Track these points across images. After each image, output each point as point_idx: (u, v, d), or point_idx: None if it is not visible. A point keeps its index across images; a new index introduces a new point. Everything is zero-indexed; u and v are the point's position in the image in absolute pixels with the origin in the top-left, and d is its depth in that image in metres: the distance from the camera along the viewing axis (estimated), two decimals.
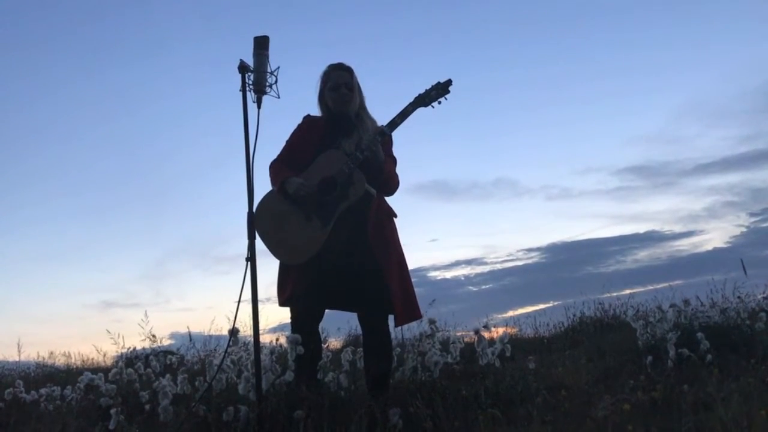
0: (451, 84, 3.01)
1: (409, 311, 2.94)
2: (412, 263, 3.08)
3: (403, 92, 2.98)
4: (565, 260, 14.34)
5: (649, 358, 3.59)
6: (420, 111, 2.98)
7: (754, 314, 4.44)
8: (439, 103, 3.00)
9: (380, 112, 3.08)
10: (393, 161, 3.11)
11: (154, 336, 5.40)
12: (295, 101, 3.54)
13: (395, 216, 3.09)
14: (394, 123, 2.94)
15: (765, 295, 5.85)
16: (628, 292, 8.00)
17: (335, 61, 3.07)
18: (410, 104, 2.97)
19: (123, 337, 5.44)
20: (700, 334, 3.65)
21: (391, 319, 2.97)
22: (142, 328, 5.33)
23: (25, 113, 14.88)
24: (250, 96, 2.77)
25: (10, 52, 13.95)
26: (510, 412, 2.70)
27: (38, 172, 15.18)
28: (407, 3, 14.62)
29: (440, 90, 3.00)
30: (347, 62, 3.08)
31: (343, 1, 14.33)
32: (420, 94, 2.99)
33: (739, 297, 5.37)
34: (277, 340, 5.36)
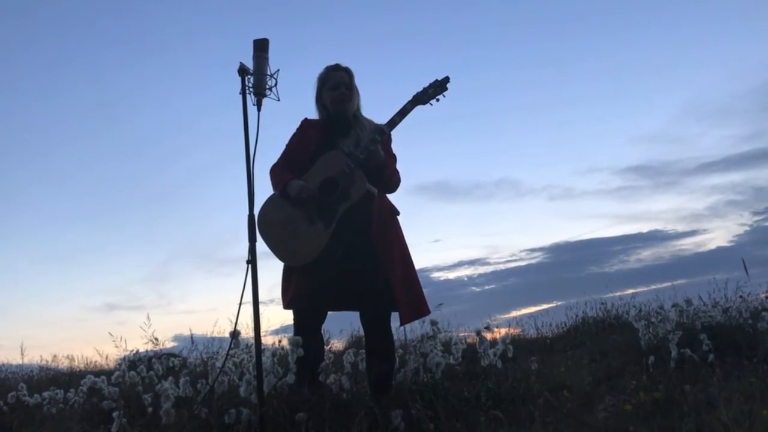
0: (448, 81, 3.00)
1: (415, 309, 2.93)
2: (415, 264, 3.08)
3: (405, 94, 2.99)
4: (568, 260, 14.34)
5: (652, 358, 3.59)
6: (422, 111, 2.98)
7: (756, 314, 4.43)
8: (437, 100, 3.00)
9: (381, 113, 3.08)
10: (393, 159, 3.11)
11: (157, 339, 5.40)
12: (295, 104, 3.54)
13: (398, 214, 3.09)
14: (393, 122, 2.94)
15: (767, 294, 5.83)
16: (630, 291, 8.00)
17: (332, 62, 3.08)
18: (408, 102, 2.96)
19: (125, 340, 5.45)
20: (702, 335, 3.64)
21: (395, 318, 2.97)
22: (145, 331, 5.33)
23: (27, 116, 14.93)
24: (250, 99, 2.77)
25: (12, 56, 13.99)
26: (512, 413, 2.70)
27: (41, 176, 15.22)
28: (408, 4, 14.64)
29: (438, 87, 2.99)
30: (347, 64, 3.09)
31: (343, 4, 14.35)
32: (418, 92, 2.98)
33: (741, 296, 5.36)
34: (279, 342, 5.37)
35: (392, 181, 3.02)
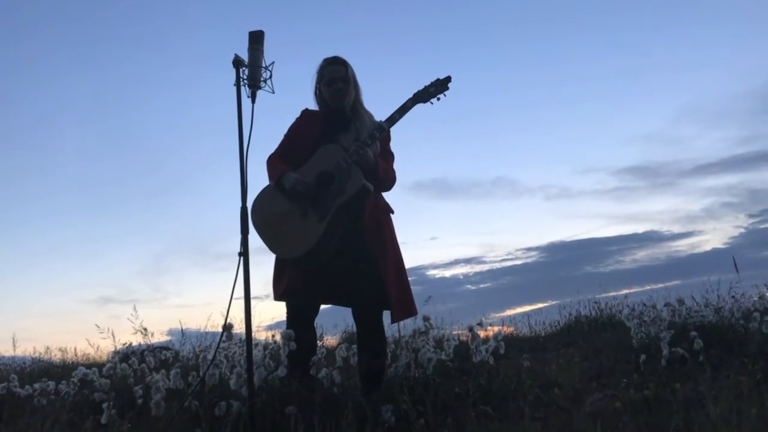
0: (450, 81, 3.01)
1: (405, 308, 2.94)
2: (411, 261, 3.10)
3: (402, 89, 2.99)
4: (564, 260, 14.39)
5: (643, 356, 3.60)
6: (420, 109, 2.99)
7: (748, 314, 4.44)
8: (438, 99, 3.01)
9: (379, 109, 3.08)
10: (391, 157, 3.10)
11: (145, 329, 5.37)
12: (289, 96, 3.54)
13: (392, 212, 3.09)
14: (393, 119, 2.94)
15: (760, 295, 5.84)
16: (625, 292, 8.02)
17: (330, 56, 3.06)
18: (409, 100, 2.97)
19: (113, 333, 5.42)
20: (693, 333, 3.65)
21: (386, 315, 2.97)
22: (132, 322, 5.31)
23: (21, 109, 14.87)
24: (245, 91, 2.76)
25: (7, 48, 13.94)
26: (502, 409, 2.71)
27: (36, 168, 15.17)
28: (406, 0, 14.62)
29: (439, 86, 3.00)
30: (341, 57, 3.07)
31: None
32: (419, 90, 2.99)
33: (733, 297, 5.38)
34: (272, 336, 5.35)
35: (386, 182, 3.02)
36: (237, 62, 2.75)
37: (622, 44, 15.13)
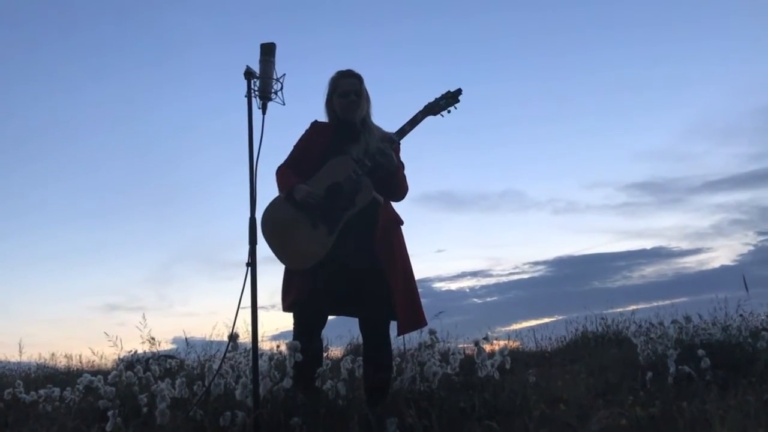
0: (461, 93, 3.02)
1: (413, 320, 2.93)
2: (417, 274, 3.06)
3: (411, 101, 3.00)
4: (571, 274, 14.30)
5: (650, 374, 3.57)
6: (428, 120, 3.00)
7: (756, 333, 4.41)
8: (449, 112, 3.02)
9: (388, 120, 3.09)
10: (401, 166, 3.12)
11: (153, 339, 5.38)
12: (300, 109, 3.55)
13: (402, 223, 3.10)
14: (404, 131, 2.96)
15: None
16: (632, 308, 7.97)
17: (344, 68, 3.08)
18: (420, 112, 2.99)
19: (121, 341, 5.43)
20: (701, 351, 3.63)
21: (393, 327, 2.97)
22: (140, 330, 5.32)
23: (31, 116, 15.00)
24: (256, 102, 2.79)
25: (19, 55, 14.09)
26: (507, 425, 2.69)
27: (45, 175, 15.27)
28: (416, 12, 14.68)
29: (450, 99, 3.02)
30: (355, 70, 3.09)
31: (350, 10, 14.39)
32: (430, 103, 3.01)
33: (741, 315, 5.34)
34: (277, 347, 5.35)
35: (402, 187, 3.03)
36: (248, 74, 2.77)
37: (631, 58, 15.14)
